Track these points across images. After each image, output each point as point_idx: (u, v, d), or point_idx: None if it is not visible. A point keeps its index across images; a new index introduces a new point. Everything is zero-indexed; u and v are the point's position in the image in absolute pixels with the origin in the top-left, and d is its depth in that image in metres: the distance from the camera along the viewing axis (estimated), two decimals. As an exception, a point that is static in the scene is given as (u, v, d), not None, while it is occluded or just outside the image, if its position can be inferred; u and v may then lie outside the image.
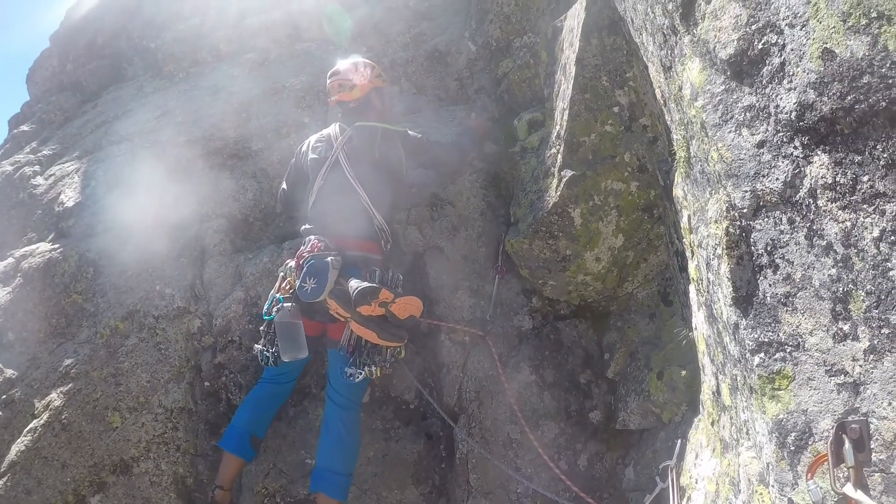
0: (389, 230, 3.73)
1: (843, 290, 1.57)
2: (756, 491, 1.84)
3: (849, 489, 1.45)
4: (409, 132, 3.85)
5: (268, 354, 3.51)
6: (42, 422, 3.68)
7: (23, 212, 4.94)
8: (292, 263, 3.58)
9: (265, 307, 3.61)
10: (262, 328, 3.63)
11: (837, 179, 1.57)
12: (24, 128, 6.30)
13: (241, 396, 3.85)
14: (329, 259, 3.33)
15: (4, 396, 3.82)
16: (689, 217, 2.43)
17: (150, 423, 3.71)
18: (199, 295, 4.14)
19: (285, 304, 3.42)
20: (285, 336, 3.36)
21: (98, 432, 3.67)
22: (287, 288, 3.53)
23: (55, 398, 3.74)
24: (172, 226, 4.29)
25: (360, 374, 3.36)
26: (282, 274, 3.65)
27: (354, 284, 3.25)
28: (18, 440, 3.66)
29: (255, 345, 3.65)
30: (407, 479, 3.60)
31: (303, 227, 3.76)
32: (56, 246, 4.37)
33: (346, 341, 3.43)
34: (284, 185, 4.19)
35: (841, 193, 1.56)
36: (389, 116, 4.04)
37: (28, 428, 3.69)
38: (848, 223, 1.55)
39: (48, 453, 3.61)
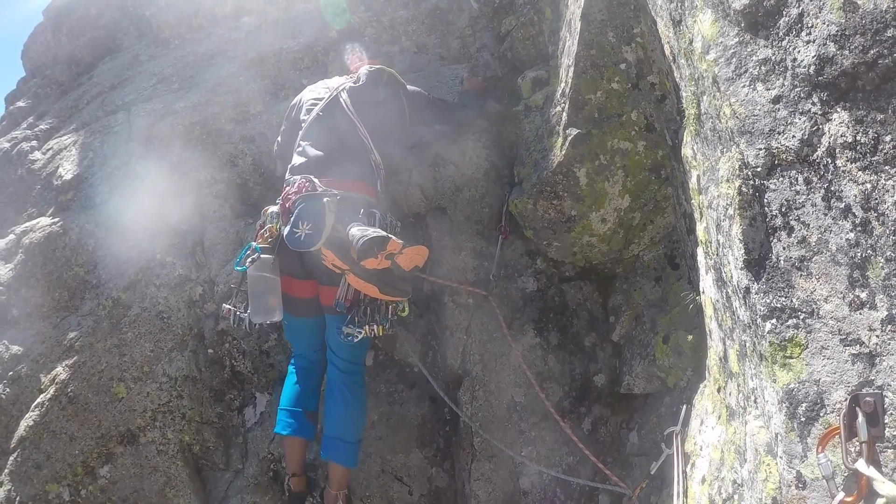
0: (385, 173, 3.45)
1: (862, 255, 1.49)
2: (763, 461, 1.80)
3: (861, 465, 1.40)
4: (408, 86, 3.71)
5: (242, 316, 3.18)
6: (49, 396, 3.70)
7: (22, 188, 4.90)
8: (274, 209, 3.19)
9: (238, 257, 3.19)
10: (232, 283, 3.34)
11: (858, 138, 1.48)
12: (21, 104, 6.22)
13: (245, 363, 3.86)
14: (325, 200, 2.92)
15: (11, 373, 3.85)
16: (698, 177, 2.34)
17: (154, 392, 3.72)
18: (199, 262, 4.12)
19: (262, 256, 3.05)
20: (258, 292, 3.02)
21: (104, 403, 3.69)
22: (266, 237, 3.13)
23: (61, 372, 3.76)
24: (170, 193, 4.23)
25: (360, 333, 3.07)
26: (258, 223, 3.29)
27: (357, 232, 2.80)
28: (27, 415, 3.70)
29: (224, 304, 3.34)
30: (411, 442, 3.61)
31: (288, 165, 3.38)
32: (56, 220, 4.34)
33: (342, 297, 3.14)
34: (280, 139, 3.85)
35: (861, 153, 1.48)
36: None
37: (35, 403, 3.72)
38: (868, 185, 1.47)
39: (56, 427, 3.65)
